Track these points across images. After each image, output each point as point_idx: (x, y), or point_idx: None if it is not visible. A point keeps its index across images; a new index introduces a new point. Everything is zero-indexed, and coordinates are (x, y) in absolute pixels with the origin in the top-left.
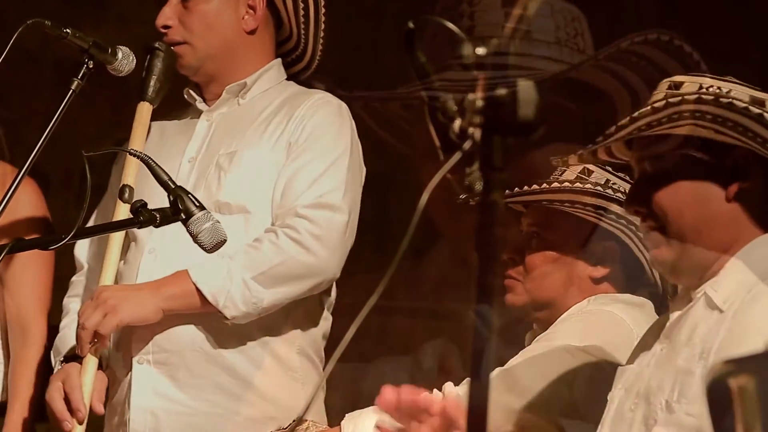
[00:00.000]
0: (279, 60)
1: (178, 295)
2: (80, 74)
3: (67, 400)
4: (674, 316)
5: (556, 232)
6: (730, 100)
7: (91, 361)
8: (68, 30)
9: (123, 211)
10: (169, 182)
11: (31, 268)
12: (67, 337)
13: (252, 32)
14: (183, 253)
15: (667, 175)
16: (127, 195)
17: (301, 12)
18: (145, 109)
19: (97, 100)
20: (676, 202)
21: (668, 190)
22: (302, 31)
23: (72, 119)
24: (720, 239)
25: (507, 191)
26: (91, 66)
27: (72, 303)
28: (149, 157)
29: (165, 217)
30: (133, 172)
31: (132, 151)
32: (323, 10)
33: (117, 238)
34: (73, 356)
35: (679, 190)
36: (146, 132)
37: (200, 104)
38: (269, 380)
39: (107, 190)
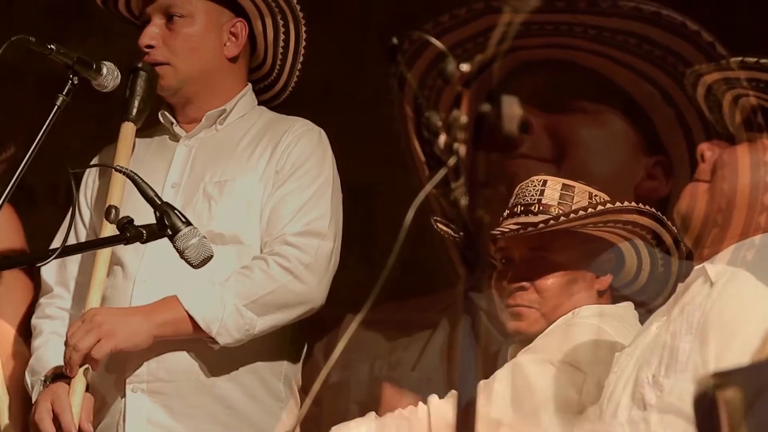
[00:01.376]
0: (250, 85)
1: (170, 322)
2: (65, 90)
3: (56, 421)
4: (675, 294)
5: (564, 252)
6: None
7: (80, 382)
8: (53, 46)
9: (109, 231)
10: (155, 198)
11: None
12: (43, 358)
13: (233, 59)
14: (176, 281)
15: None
16: (113, 216)
17: (281, 44)
18: (128, 129)
19: (83, 114)
20: (741, 165)
21: (745, 149)
22: (278, 62)
23: (57, 133)
24: (747, 222)
25: (528, 223)
26: (75, 82)
27: (43, 324)
28: (135, 173)
29: (151, 233)
30: (118, 193)
31: (118, 167)
32: (303, 44)
33: (103, 259)
34: (56, 376)
35: (740, 153)
36: (130, 152)
37: (177, 128)
38: (260, 410)
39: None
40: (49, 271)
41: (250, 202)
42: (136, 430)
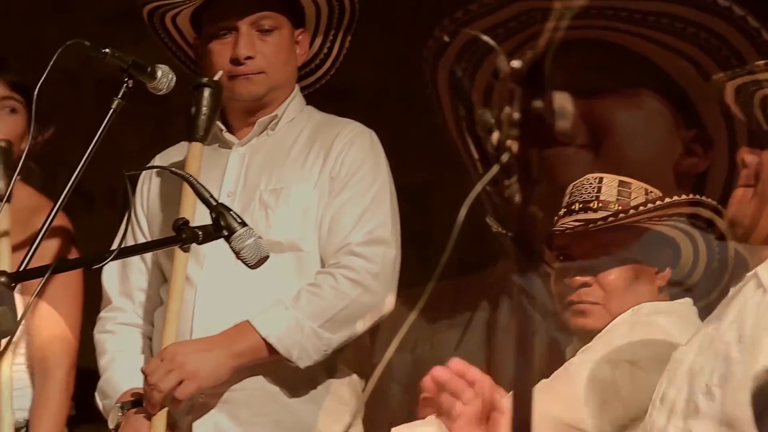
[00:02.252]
0: (298, 87)
1: (248, 351)
2: (120, 93)
3: None
4: (727, 297)
5: (625, 247)
6: None
7: (160, 420)
8: (107, 50)
9: (180, 260)
10: (211, 199)
11: (58, 303)
12: (112, 380)
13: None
14: (236, 288)
15: None
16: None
17: (325, 50)
18: (197, 150)
19: (140, 117)
20: None
21: None
22: (319, 59)
23: (115, 137)
24: None
25: (591, 219)
26: (130, 85)
27: (106, 342)
28: (190, 175)
29: (207, 234)
30: (191, 206)
31: (173, 169)
32: (344, 52)
33: (177, 290)
34: (133, 403)
35: None
36: (199, 172)
37: (226, 135)
38: (326, 415)
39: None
40: (110, 281)
41: (306, 210)
42: None
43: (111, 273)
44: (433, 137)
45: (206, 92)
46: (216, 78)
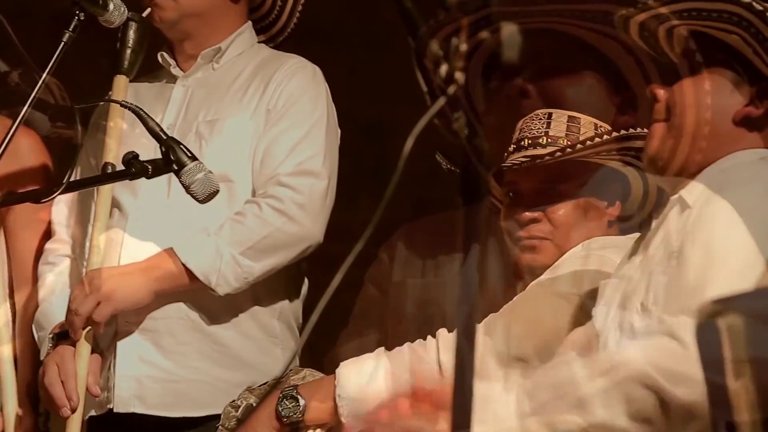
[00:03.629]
0: (250, 23)
1: (168, 276)
2: (71, 26)
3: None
4: (653, 225)
5: (574, 182)
6: None
7: (84, 346)
8: None
9: (106, 190)
10: (161, 133)
11: (30, 233)
12: (49, 312)
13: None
14: (168, 220)
15: (694, 68)
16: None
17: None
18: (121, 83)
19: (94, 51)
20: (693, 98)
21: (692, 82)
22: (279, 2)
23: (69, 71)
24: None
25: (539, 155)
26: (82, 18)
27: (47, 273)
28: (140, 108)
29: (157, 168)
30: (114, 149)
31: (123, 102)
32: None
33: (102, 221)
34: (62, 334)
35: (701, 84)
36: None
37: (174, 69)
38: (252, 347)
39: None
40: (57, 213)
41: (240, 140)
42: (126, 369)
43: (59, 205)
44: (392, 73)
45: (130, 26)
46: (144, 14)
